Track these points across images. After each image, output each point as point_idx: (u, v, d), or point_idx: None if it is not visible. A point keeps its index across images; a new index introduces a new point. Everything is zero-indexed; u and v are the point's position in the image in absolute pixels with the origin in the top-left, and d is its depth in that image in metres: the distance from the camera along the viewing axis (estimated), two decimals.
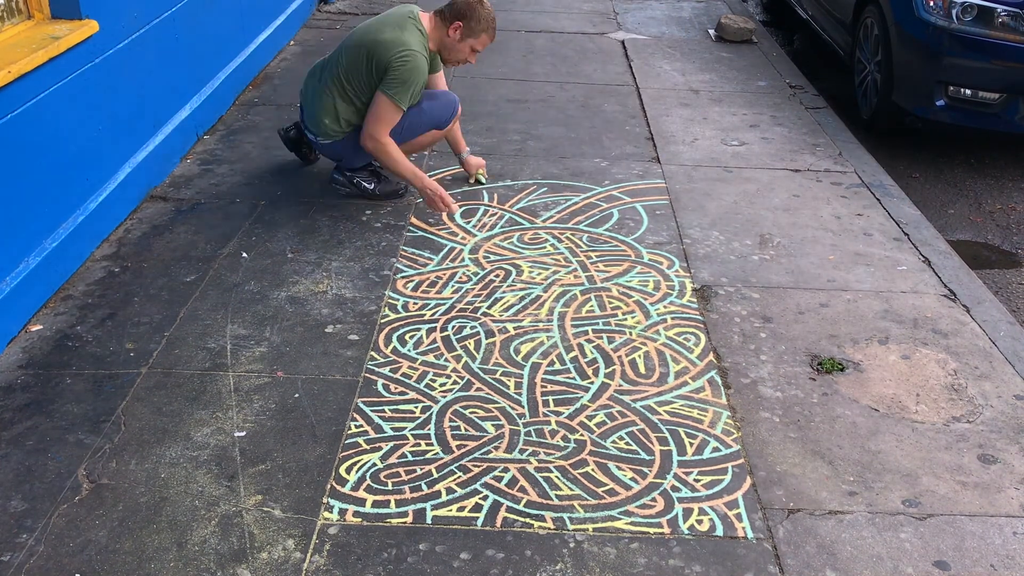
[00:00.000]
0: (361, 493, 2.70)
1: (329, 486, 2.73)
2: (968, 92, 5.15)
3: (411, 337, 3.43)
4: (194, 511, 2.63)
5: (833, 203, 4.57)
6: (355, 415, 3.02)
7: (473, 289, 3.75)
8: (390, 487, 2.73)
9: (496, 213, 4.37)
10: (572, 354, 3.35)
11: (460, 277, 3.83)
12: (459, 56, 4.28)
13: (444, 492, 2.71)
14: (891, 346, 3.46)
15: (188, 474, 2.76)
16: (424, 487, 2.73)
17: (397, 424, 2.98)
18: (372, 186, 4.46)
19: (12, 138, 3.41)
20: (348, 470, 2.79)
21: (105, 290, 3.71)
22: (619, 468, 2.81)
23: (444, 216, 4.29)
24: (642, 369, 3.28)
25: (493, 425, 2.98)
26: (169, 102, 4.80)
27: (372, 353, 3.33)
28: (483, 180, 4.67)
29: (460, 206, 4.40)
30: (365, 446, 2.89)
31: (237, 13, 5.75)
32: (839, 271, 3.96)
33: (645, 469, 2.81)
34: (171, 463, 2.81)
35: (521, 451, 2.87)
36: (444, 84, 4.60)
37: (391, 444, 2.90)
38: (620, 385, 3.19)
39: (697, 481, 2.77)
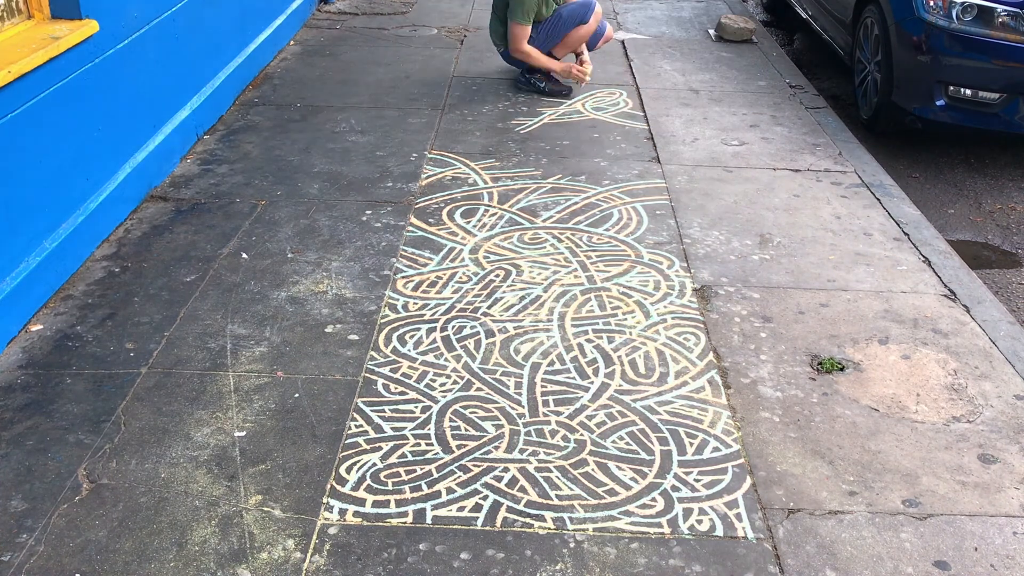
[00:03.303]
0: (361, 493, 2.70)
1: (329, 486, 2.73)
2: (968, 92, 5.15)
3: (411, 337, 3.43)
4: (194, 511, 2.63)
5: (833, 203, 4.57)
6: (355, 415, 3.02)
7: (473, 289, 3.75)
8: (390, 487, 2.73)
9: (496, 213, 4.37)
10: (572, 354, 3.35)
11: (460, 277, 3.83)
12: None
13: (444, 492, 2.71)
14: (891, 346, 3.46)
15: (188, 474, 2.76)
16: (424, 487, 2.73)
17: (397, 424, 2.98)
18: (544, 85, 5.93)
19: (12, 138, 3.41)
20: (348, 470, 2.79)
21: (105, 290, 3.71)
22: (619, 468, 2.81)
23: (580, 80, 5.86)
24: (642, 369, 3.28)
25: (493, 425, 2.98)
26: (169, 102, 4.80)
27: (372, 353, 3.34)
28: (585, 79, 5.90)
29: (460, 206, 4.41)
30: (365, 446, 2.89)
31: (237, 13, 5.75)
32: (839, 271, 3.96)
33: (645, 469, 2.81)
34: (171, 463, 2.81)
35: (521, 451, 2.87)
36: None
37: (391, 444, 2.90)
38: (620, 385, 3.19)
39: (697, 481, 2.77)
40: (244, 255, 3.97)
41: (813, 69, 7.01)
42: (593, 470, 2.80)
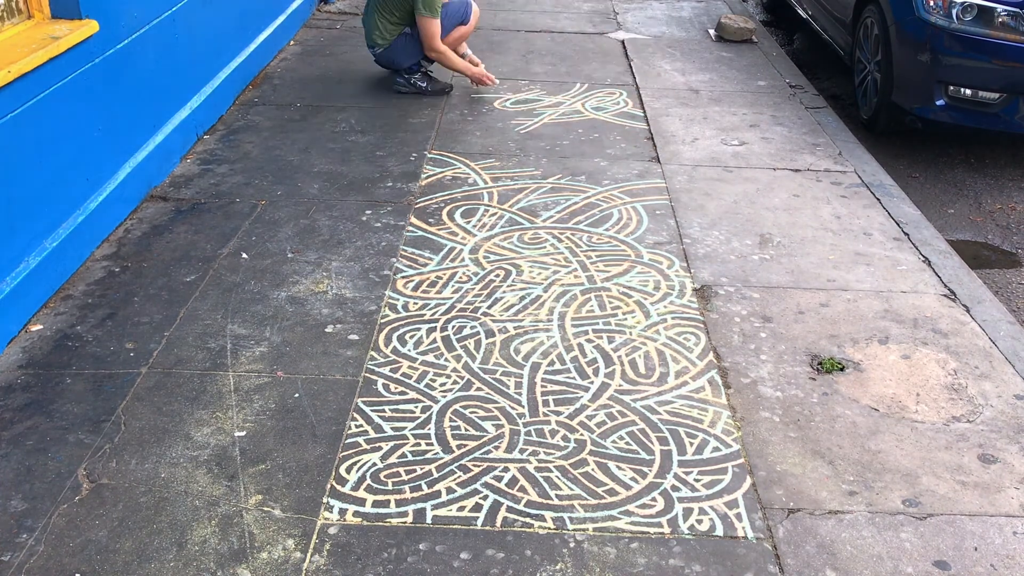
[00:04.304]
0: (361, 493, 2.70)
1: (329, 486, 2.73)
2: (968, 92, 5.15)
3: (411, 337, 3.43)
4: (194, 511, 2.63)
5: (833, 203, 4.57)
6: (355, 415, 3.02)
7: (473, 289, 3.75)
8: (390, 487, 2.73)
9: (496, 213, 4.37)
10: (572, 354, 3.35)
11: (460, 277, 3.83)
12: None
13: (444, 492, 2.71)
14: (891, 346, 3.46)
15: (188, 474, 2.76)
16: (424, 487, 2.73)
17: (397, 424, 2.98)
18: (425, 84, 5.84)
19: (12, 138, 3.41)
20: (348, 470, 2.79)
21: (105, 290, 3.71)
22: (619, 468, 2.81)
23: (488, 84, 5.84)
24: (642, 369, 3.28)
25: (493, 425, 2.98)
26: (169, 102, 4.80)
27: (372, 353, 3.34)
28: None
29: (460, 206, 4.42)
30: (365, 446, 2.89)
31: (237, 13, 5.75)
32: (839, 271, 3.96)
33: (645, 469, 2.81)
34: (171, 463, 2.81)
35: (521, 451, 2.87)
36: None
37: (391, 444, 2.90)
38: (620, 385, 3.19)
39: (697, 481, 2.78)
40: (244, 255, 3.97)
41: (813, 69, 7.01)
42: (593, 470, 2.81)
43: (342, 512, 2.63)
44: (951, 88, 5.17)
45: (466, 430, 2.96)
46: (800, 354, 3.39)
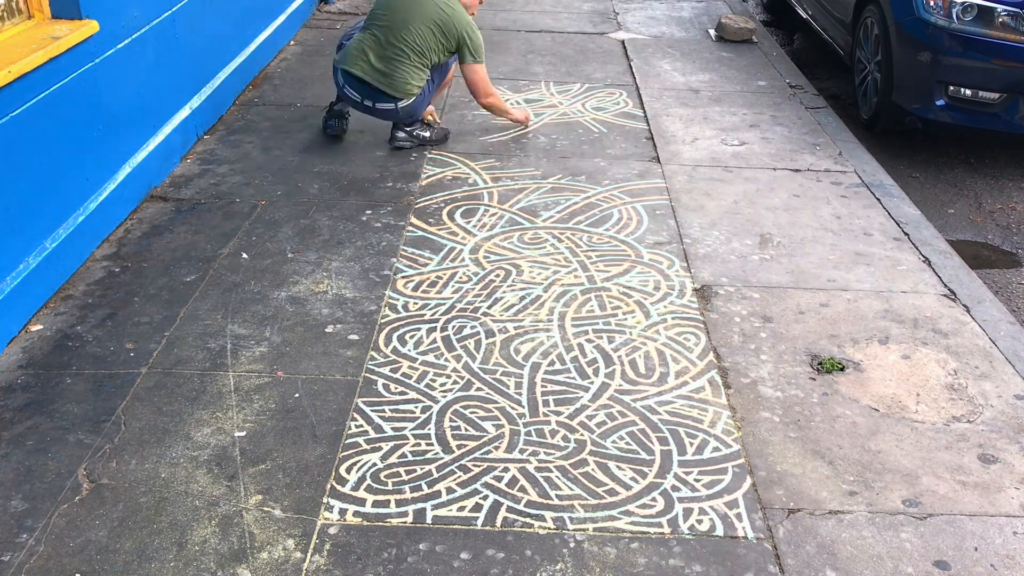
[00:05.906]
0: (361, 493, 2.70)
1: (329, 486, 2.73)
2: (968, 92, 5.15)
3: (411, 337, 3.43)
4: (194, 511, 2.63)
5: (833, 203, 4.57)
6: (355, 415, 3.02)
7: (473, 289, 3.75)
8: (390, 487, 2.73)
9: (496, 213, 4.37)
10: (572, 354, 3.35)
11: (460, 277, 3.83)
12: (473, 11, 5.14)
13: (444, 492, 2.71)
14: (891, 346, 3.46)
15: (188, 474, 2.76)
16: (424, 487, 2.73)
17: (397, 424, 2.98)
18: (428, 134, 5.13)
19: (12, 138, 3.41)
20: (348, 470, 2.79)
21: (105, 290, 3.71)
22: (619, 468, 2.81)
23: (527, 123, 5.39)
24: (642, 369, 3.28)
25: (493, 425, 2.98)
26: (169, 102, 4.80)
27: (372, 353, 3.34)
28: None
29: (460, 206, 4.42)
30: (365, 446, 2.89)
31: (237, 13, 5.75)
32: (839, 271, 3.96)
33: (645, 469, 2.81)
34: (171, 463, 2.81)
35: (521, 451, 2.87)
36: None
37: (391, 444, 2.90)
38: (620, 385, 3.19)
39: (697, 481, 2.77)
40: (244, 255, 3.97)
41: (813, 69, 7.01)
42: (593, 470, 2.80)
43: (342, 512, 2.63)
44: (951, 88, 5.17)
45: (466, 430, 2.96)
46: (800, 354, 3.39)
